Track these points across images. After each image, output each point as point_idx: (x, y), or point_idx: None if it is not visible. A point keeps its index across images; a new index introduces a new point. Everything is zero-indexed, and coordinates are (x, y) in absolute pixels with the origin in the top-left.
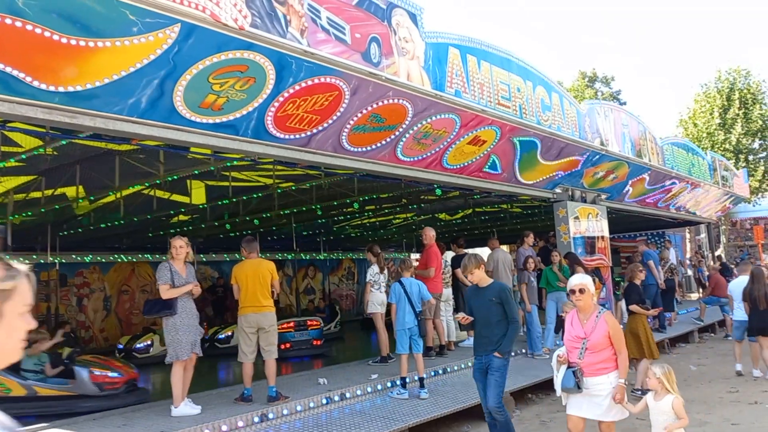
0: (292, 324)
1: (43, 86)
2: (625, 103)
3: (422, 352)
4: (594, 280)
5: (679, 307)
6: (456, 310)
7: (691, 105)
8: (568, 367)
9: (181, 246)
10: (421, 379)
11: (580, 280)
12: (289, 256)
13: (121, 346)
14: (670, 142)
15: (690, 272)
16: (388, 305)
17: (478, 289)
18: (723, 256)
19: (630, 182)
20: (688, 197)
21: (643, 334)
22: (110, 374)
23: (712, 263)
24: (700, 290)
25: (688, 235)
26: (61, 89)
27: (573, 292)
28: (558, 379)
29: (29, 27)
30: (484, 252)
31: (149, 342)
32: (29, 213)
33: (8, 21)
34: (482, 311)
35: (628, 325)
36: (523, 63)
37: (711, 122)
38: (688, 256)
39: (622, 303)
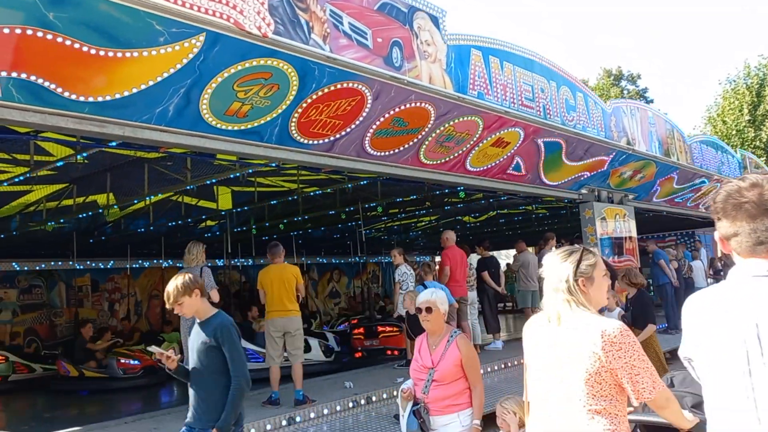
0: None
1: (74, 96)
2: (652, 101)
3: None
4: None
5: None
6: (482, 313)
7: (719, 101)
8: (414, 404)
9: None
10: None
11: (427, 296)
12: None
13: None
14: (699, 140)
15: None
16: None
17: (194, 325)
18: None
19: (658, 182)
20: None
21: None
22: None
23: None
24: None
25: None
26: (91, 99)
27: (419, 311)
28: (404, 420)
29: (59, 39)
30: (510, 254)
31: None
32: (61, 220)
33: (39, 34)
34: (194, 357)
35: (653, 347)
36: (546, 63)
37: (740, 119)
38: (719, 255)
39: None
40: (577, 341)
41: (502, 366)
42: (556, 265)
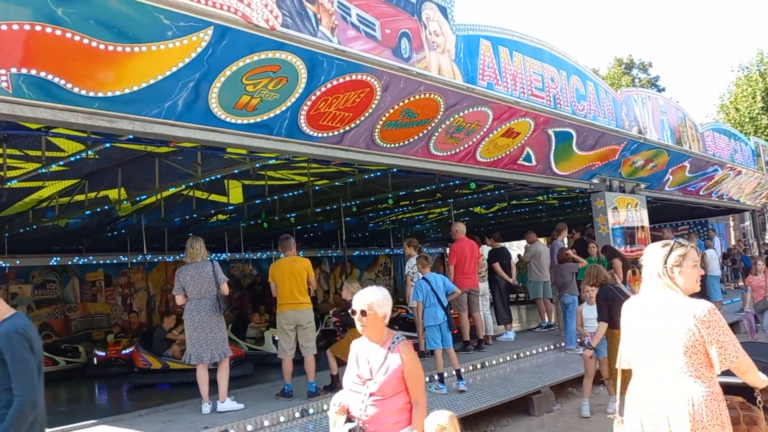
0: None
1: (83, 92)
2: (663, 90)
3: (452, 346)
4: (634, 271)
5: (724, 297)
6: (493, 304)
7: (732, 89)
8: (347, 420)
9: None
10: (458, 372)
11: (364, 297)
12: (330, 253)
13: None
14: (711, 128)
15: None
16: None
17: None
18: None
19: (670, 170)
20: (731, 184)
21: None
22: None
23: (756, 252)
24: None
25: (732, 223)
26: (100, 94)
27: (353, 313)
28: None
29: (68, 35)
30: (521, 245)
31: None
32: (75, 215)
33: (48, 30)
34: None
35: (611, 347)
36: (556, 52)
37: (754, 106)
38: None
39: (584, 307)
40: (672, 320)
41: (514, 357)
42: (652, 254)
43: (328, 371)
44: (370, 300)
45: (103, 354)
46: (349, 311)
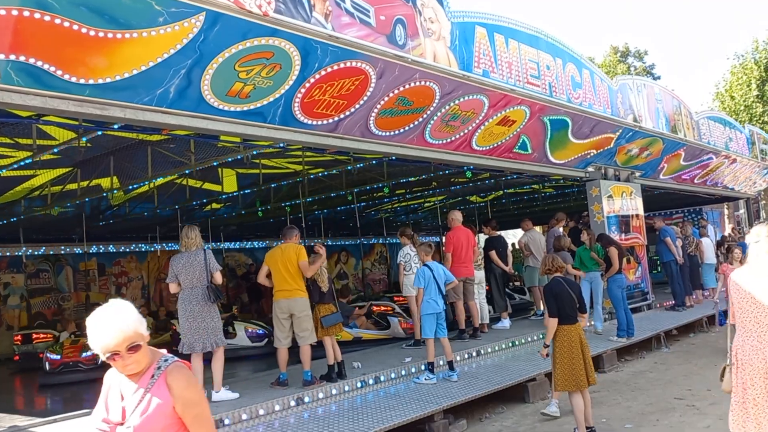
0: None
1: (74, 79)
2: (659, 78)
3: (447, 335)
4: (629, 259)
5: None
6: (488, 292)
7: (728, 77)
8: None
9: None
10: (450, 363)
11: (123, 328)
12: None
13: None
14: (706, 116)
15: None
16: None
17: None
18: None
19: (665, 158)
20: (726, 172)
21: (578, 351)
22: None
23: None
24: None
25: (726, 212)
26: (91, 81)
27: (116, 357)
28: None
29: (58, 21)
30: (517, 233)
31: None
32: (67, 204)
33: (37, 15)
34: None
35: (558, 342)
36: (552, 40)
37: (749, 94)
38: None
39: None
40: None
41: (510, 344)
42: (762, 232)
43: (317, 361)
44: (132, 325)
45: (58, 357)
46: (105, 358)
